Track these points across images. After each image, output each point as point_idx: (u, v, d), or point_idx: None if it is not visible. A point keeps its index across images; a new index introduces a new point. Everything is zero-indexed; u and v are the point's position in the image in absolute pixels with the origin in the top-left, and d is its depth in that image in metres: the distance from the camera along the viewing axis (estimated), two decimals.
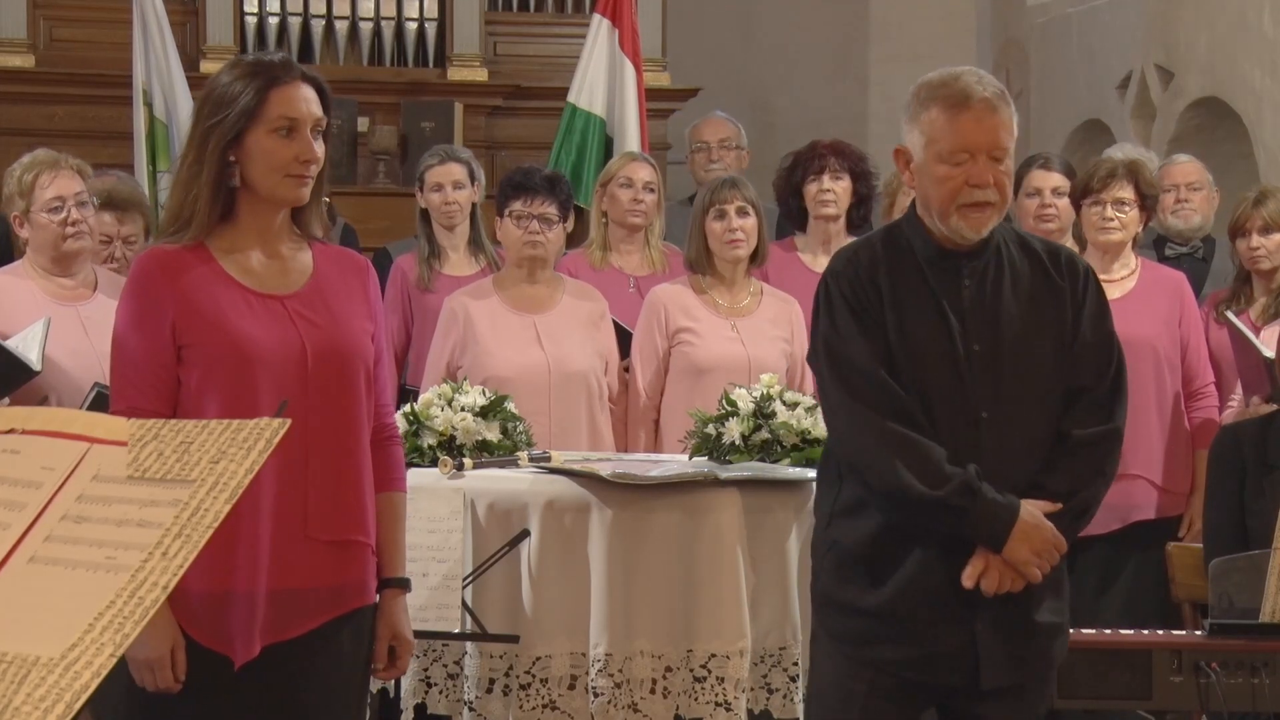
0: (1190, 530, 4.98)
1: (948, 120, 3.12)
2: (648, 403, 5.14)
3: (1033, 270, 3.22)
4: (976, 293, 3.17)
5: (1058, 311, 3.21)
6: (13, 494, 1.97)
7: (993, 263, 3.20)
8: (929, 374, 3.14)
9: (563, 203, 5.08)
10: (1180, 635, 3.69)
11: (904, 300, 3.18)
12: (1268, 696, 3.48)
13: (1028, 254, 3.24)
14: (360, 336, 3.07)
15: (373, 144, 8.67)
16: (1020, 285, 3.20)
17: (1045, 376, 3.18)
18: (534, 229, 5.01)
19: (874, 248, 3.27)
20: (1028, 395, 3.15)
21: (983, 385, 3.14)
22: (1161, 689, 3.51)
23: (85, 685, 1.72)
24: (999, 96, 3.16)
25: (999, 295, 3.18)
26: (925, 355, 3.15)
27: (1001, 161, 3.15)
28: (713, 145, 6.73)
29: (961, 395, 3.13)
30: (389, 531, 3.13)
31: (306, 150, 2.99)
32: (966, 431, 3.12)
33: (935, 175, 3.15)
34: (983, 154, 3.13)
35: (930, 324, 3.16)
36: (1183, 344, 5.09)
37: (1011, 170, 3.21)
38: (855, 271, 3.23)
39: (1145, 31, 8.63)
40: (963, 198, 3.13)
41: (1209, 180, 6.16)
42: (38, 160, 4.55)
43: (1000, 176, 3.15)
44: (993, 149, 3.13)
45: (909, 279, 3.19)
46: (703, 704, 4.15)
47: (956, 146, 3.12)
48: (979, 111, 3.12)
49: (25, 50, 8.74)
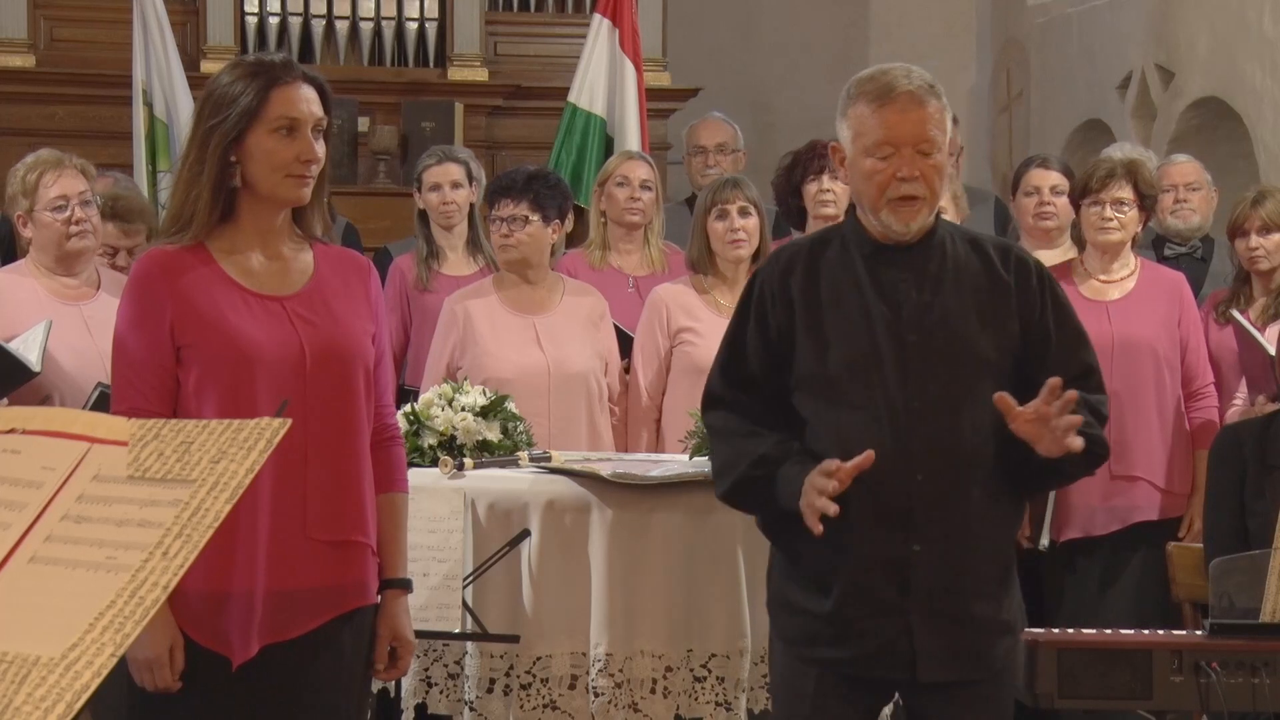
0: (1190, 530, 4.98)
1: (872, 114, 3.13)
2: (649, 403, 5.14)
3: (979, 265, 3.21)
4: (915, 286, 3.17)
5: (1001, 306, 3.19)
6: (13, 494, 1.97)
7: (935, 257, 3.20)
8: (855, 366, 3.15)
9: (539, 200, 5.03)
10: (1180, 635, 3.69)
11: (829, 297, 3.19)
12: (1268, 696, 3.48)
13: (975, 250, 3.24)
14: (360, 337, 3.07)
15: (373, 144, 8.67)
16: (963, 279, 3.19)
17: (981, 369, 3.15)
18: (504, 232, 5.02)
19: (802, 247, 3.31)
20: (961, 386, 3.13)
21: (916, 376, 3.13)
22: (1161, 689, 3.51)
23: (86, 685, 1.73)
24: (926, 90, 3.15)
25: (939, 289, 3.17)
26: (851, 348, 3.16)
27: (930, 155, 3.13)
28: (709, 149, 6.73)
29: (893, 386, 3.13)
30: (390, 532, 3.13)
31: (307, 150, 2.99)
32: (898, 421, 3.12)
33: (863, 170, 3.16)
34: (908, 147, 3.12)
35: (857, 318, 3.17)
36: (1182, 344, 5.09)
37: (942, 164, 3.17)
38: (770, 272, 3.28)
39: (1145, 31, 8.63)
40: (891, 192, 3.13)
41: (1207, 180, 6.16)
42: (41, 160, 4.55)
43: (928, 170, 3.13)
44: (918, 142, 3.12)
45: (839, 275, 3.20)
46: (703, 704, 4.15)
47: (881, 140, 3.13)
48: (903, 104, 3.12)
49: (25, 50, 8.74)
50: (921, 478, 3.10)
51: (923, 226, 3.19)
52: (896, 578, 3.12)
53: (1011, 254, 3.26)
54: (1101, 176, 5.05)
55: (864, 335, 3.15)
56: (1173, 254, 6.01)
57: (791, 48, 10.80)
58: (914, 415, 3.11)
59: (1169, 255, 5.99)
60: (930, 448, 3.11)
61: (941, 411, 3.12)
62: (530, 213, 5.00)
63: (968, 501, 3.12)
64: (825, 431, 3.16)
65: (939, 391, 3.13)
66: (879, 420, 3.12)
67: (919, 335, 3.14)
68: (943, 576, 3.12)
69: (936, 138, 3.14)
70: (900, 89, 3.13)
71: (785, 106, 10.54)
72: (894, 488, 3.10)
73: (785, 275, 3.24)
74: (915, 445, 3.11)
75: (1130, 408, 4.98)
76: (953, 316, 3.16)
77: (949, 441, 3.11)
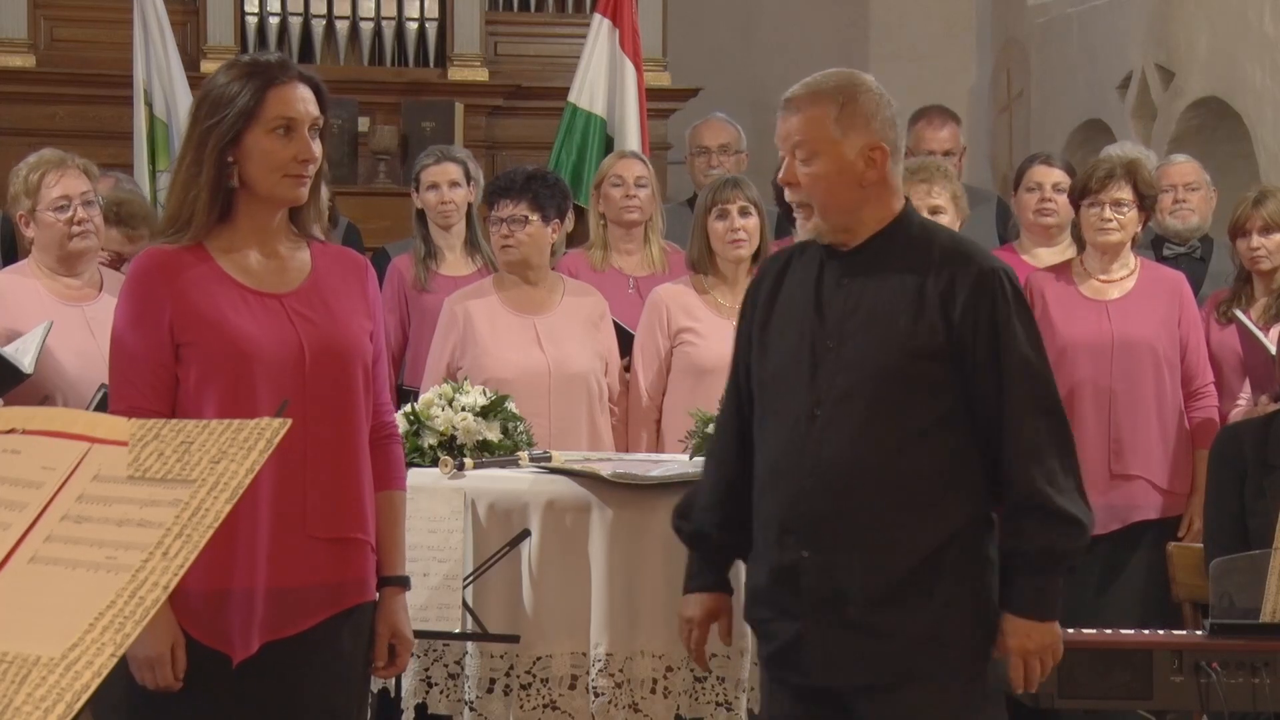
0: (1190, 530, 4.98)
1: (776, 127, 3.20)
2: (649, 403, 5.14)
3: (914, 273, 3.11)
4: (846, 292, 3.15)
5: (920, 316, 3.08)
6: (13, 494, 1.97)
7: (875, 262, 3.14)
8: (780, 373, 3.18)
9: (539, 200, 5.03)
10: (1180, 635, 3.69)
11: (783, 304, 3.21)
12: (1268, 696, 3.48)
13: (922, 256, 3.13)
14: (358, 335, 3.08)
15: (373, 144, 8.67)
16: (890, 287, 3.12)
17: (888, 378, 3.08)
18: (504, 233, 5.02)
19: (781, 255, 3.34)
20: (863, 395, 3.09)
21: (822, 383, 3.12)
22: (1162, 689, 3.51)
23: (86, 685, 1.73)
24: (807, 98, 3.13)
25: (864, 296, 3.13)
26: (781, 355, 3.19)
27: (810, 161, 3.11)
28: (713, 150, 6.71)
29: (802, 393, 3.13)
30: (389, 530, 3.14)
31: (305, 150, 2.99)
32: (800, 427, 3.12)
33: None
34: (787, 153, 3.14)
35: (793, 325, 3.18)
36: (1182, 344, 5.09)
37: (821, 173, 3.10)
38: (753, 280, 3.35)
39: (1145, 31, 8.63)
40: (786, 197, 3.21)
41: (1206, 180, 6.16)
42: (44, 159, 4.55)
43: (804, 178, 3.12)
44: (795, 148, 3.13)
45: (798, 281, 3.21)
46: (703, 704, 4.15)
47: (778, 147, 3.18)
48: (785, 111, 3.16)
49: (26, 50, 8.74)
50: (812, 484, 3.11)
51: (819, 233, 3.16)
52: (790, 582, 3.15)
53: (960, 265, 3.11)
54: (1101, 177, 5.05)
55: (793, 342, 3.17)
56: (1171, 254, 6.01)
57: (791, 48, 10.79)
58: (812, 423, 3.11)
59: (1168, 255, 5.99)
60: (823, 455, 3.10)
61: (839, 419, 3.09)
62: (530, 213, 4.99)
63: (861, 510, 3.08)
64: (756, 436, 3.24)
65: (837, 399, 3.10)
66: (785, 427, 3.16)
67: (835, 342, 3.13)
68: (829, 583, 3.10)
69: (811, 145, 3.11)
70: (787, 96, 3.17)
71: None
72: (790, 494, 3.14)
73: (758, 283, 3.31)
74: (810, 452, 3.11)
75: (1130, 407, 4.99)
76: (872, 325, 3.11)
77: (843, 450, 3.08)
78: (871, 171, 3.12)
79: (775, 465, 3.17)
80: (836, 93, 3.12)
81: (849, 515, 3.09)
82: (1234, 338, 5.16)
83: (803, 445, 3.12)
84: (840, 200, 3.13)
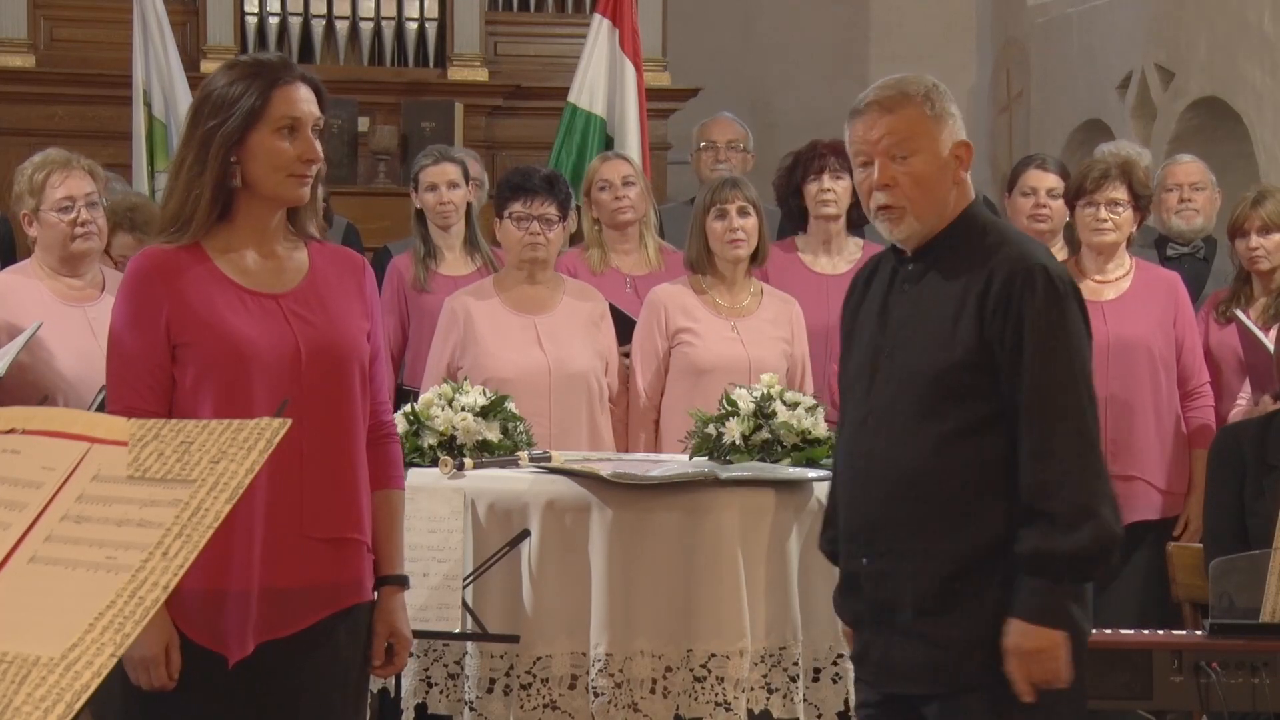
0: (1187, 530, 4.99)
1: (849, 127, 3.17)
2: (648, 403, 5.14)
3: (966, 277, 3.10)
4: (908, 298, 3.15)
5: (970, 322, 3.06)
6: (13, 494, 1.97)
7: (936, 267, 3.14)
8: (850, 380, 3.23)
9: (562, 202, 5.07)
10: (1180, 635, 3.68)
11: (866, 309, 3.23)
12: (1268, 696, 3.48)
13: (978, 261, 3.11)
14: (355, 335, 3.07)
15: (373, 144, 8.67)
16: (946, 292, 3.11)
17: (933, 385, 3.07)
18: (534, 230, 5.00)
19: (874, 260, 3.33)
20: (910, 402, 3.09)
21: (878, 391, 3.14)
22: (1161, 689, 3.51)
23: (86, 685, 1.73)
24: (897, 98, 3.11)
25: (922, 301, 3.14)
26: (854, 362, 3.22)
27: (907, 161, 3.10)
28: (720, 146, 6.70)
29: (862, 400, 3.16)
30: (387, 529, 3.13)
31: (309, 150, 3.00)
32: (857, 435, 3.17)
33: (856, 182, 3.22)
34: (879, 155, 3.11)
35: (866, 331, 3.21)
36: (1178, 344, 5.09)
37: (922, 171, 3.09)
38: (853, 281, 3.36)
39: (1145, 31, 8.63)
40: (871, 202, 3.15)
41: (1211, 181, 6.15)
42: (50, 159, 4.54)
43: (903, 177, 3.09)
44: (889, 150, 3.10)
45: (880, 286, 3.22)
46: (703, 704, 4.15)
47: (856, 152, 3.15)
48: (871, 114, 3.12)
49: (25, 50, 8.74)
50: (863, 493, 3.14)
51: (908, 236, 3.14)
52: (854, 589, 3.19)
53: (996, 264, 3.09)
54: (1096, 177, 5.05)
55: (863, 350, 3.19)
56: (1175, 254, 6.01)
57: (791, 48, 10.80)
58: (864, 430, 3.14)
59: (1171, 255, 5.99)
60: (877, 462, 3.11)
61: (890, 426, 3.10)
62: (558, 213, 5.02)
63: (905, 517, 3.08)
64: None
65: (888, 407, 3.11)
66: (848, 435, 3.21)
67: (890, 349, 3.14)
68: (883, 591, 3.12)
69: (910, 144, 3.10)
70: (870, 99, 3.14)
71: (785, 106, 10.54)
72: (849, 502, 3.19)
73: (850, 294, 3.33)
74: (867, 459, 3.13)
75: (1127, 408, 4.99)
76: (919, 332, 3.11)
77: (893, 457, 3.09)
78: (960, 169, 3.15)
79: (843, 473, 3.25)
80: (923, 91, 3.13)
81: (895, 523, 3.10)
82: (1233, 338, 5.16)
83: (858, 453, 3.16)
84: (937, 198, 3.13)
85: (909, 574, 3.08)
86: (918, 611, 3.09)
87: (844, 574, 3.23)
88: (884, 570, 3.11)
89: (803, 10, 10.83)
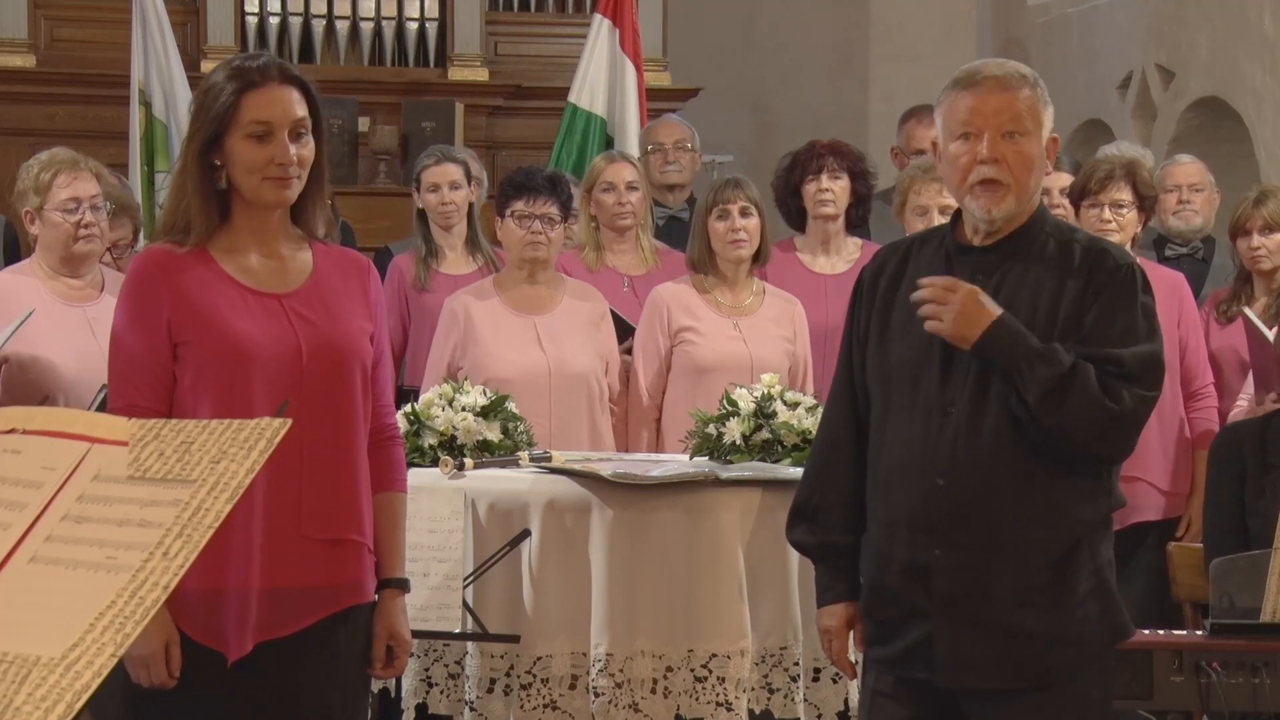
0: (1189, 531, 4.98)
1: (957, 98, 3.12)
2: (649, 402, 5.14)
3: (1056, 270, 3.13)
4: (983, 286, 3.10)
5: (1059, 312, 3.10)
6: (13, 494, 1.97)
7: (1016, 257, 3.14)
8: (905, 366, 3.15)
9: (564, 202, 5.08)
10: (1180, 635, 3.68)
11: (905, 296, 3.17)
12: (1268, 696, 3.48)
13: (1062, 252, 3.14)
14: (358, 336, 3.07)
15: (373, 144, 8.68)
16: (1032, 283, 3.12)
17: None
18: (536, 229, 5.00)
19: (901, 245, 3.31)
20: (997, 393, 3.07)
21: (955, 380, 3.10)
22: (1162, 689, 3.50)
23: (86, 685, 1.73)
24: (1015, 78, 3.12)
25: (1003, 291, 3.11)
26: (906, 348, 3.16)
27: (1017, 140, 3.09)
28: (668, 147, 6.55)
29: (933, 389, 3.11)
30: (388, 531, 3.13)
31: (282, 153, 2.98)
32: (933, 424, 3.10)
33: (948, 155, 3.15)
34: (991, 130, 3.09)
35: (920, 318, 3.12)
36: (1181, 345, 5.08)
37: (1030, 153, 3.10)
38: (868, 269, 3.30)
39: (1145, 31, 8.63)
40: (972, 176, 3.10)
41: (1211, 181, 6.14)
42: (57, 159, 4.54)
43: (1012, 155, 3.09)
44: (1002, 126, 3.09)
45: (923, 274, 3.16)
46: (703, 704, 4.15)
47: (963, 122, 3.11)
48: (987, 88, 3.10)
49: (25, 50, 8.74)
50: (944, 483, 3.08)
51: (1007, 216, 3.12)
52: (921, 581, 3.12)
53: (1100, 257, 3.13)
54: (1100, 178, 5.05)
55: (920, 335, 3.12)
56: (1174, 254, 6.00)
57: (791, 48, 10.81)
58: (946, 420, 3.09)
59: (1170, 256, 5.99)
60: (958, 454, 3.08)
61: (973, 416, 3.08)
62: (560, 213, 5.02)
63: (997, 510, 3.08)
64: (875, 430, 3.20)
65: (970, 396, 3.08)
66: (914, 422, 3.12)
67: None
68: (964, 583, 3.09)
69: (1024, 124, 3.10)
70: (987, 74, 3.12)
71: (785, 106, 10.54)
72: (919, 492, 3.11)
73: (877, 274, 3.26)
74: (942, 450, 3.09)
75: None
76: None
77: (976, 447, 3.07)
78: (1048, 161, 3.17)
79: (903, 462, 3.14)
80: (1034, 78, 3.15)
81: (985, 515, 3.07)
82: (1234, 338, 5.16)
83: (936, 443, 3.09)
84: (1034, 183, 3.14)
85: (1000, 567, 3.08)
86: (1007, 603, 3.08)
87: (902, 565, 3.14)
88: (968, 562, 3.08)
89: (803, 10, 10.84)
